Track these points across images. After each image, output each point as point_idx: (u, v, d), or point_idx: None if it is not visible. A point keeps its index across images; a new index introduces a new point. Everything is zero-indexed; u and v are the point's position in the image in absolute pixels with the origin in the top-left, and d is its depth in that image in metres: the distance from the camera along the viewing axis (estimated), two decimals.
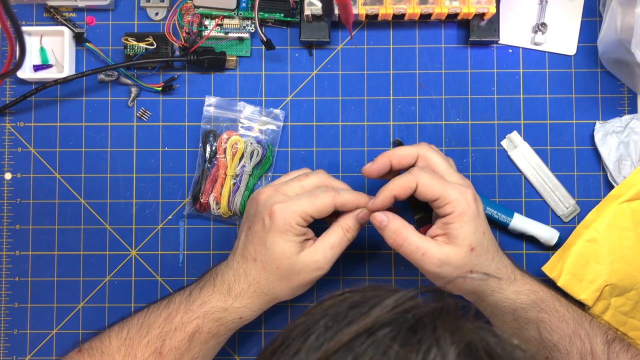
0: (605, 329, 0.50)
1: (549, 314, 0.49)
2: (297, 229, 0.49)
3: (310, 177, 0.52)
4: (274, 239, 0.49)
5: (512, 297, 0.50)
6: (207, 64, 0.61)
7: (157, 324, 0.50)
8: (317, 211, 0.49)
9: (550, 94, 0.62)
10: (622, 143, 0.60)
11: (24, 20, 0.63)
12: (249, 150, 0.60)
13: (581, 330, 0.49)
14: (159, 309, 0.52)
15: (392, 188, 0.49)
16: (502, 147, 0.62)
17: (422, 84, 0.62)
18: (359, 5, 0.58)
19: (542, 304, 0.50)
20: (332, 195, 0.50)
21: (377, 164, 0.51)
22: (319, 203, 0.49)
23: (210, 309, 0.51)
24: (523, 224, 0.59)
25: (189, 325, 0.50)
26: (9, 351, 0.62)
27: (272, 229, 0.49)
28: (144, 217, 0.62)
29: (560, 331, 0.49)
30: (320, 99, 0.62)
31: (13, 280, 0.62)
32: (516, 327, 0.50)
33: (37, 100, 0.63)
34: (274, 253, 0.49)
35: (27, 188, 0.62)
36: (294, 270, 0.50)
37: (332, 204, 0.50)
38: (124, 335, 0.50)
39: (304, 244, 0.50)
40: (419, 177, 0.48)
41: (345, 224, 0.51)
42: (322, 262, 0.50)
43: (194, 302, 0.51)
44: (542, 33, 0.61)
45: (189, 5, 0.61)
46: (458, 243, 0.47)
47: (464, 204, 0.47)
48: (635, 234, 0.58)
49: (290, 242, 0.49)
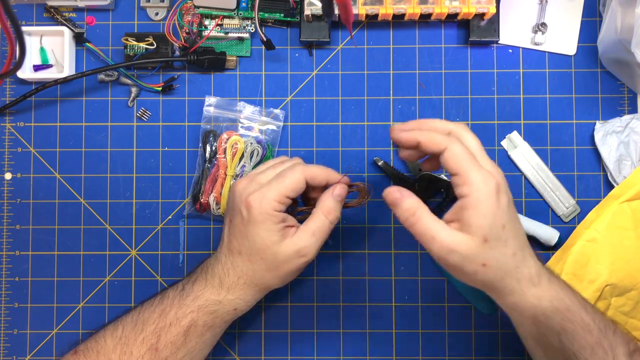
0: (628, 339, 0.48)
1: (574, 323, 0.46)
2: (275, 215, 0.49)
3: (285, 164, 0.52)
4: (254, 230, 0.49)
5: (533, 301, 0.46)
6: (207, 64, 0.61)
7: (152, 320, 0.50)
8: (290, 189, 0.49)
9: (550, 94, 0.62)
10: (622, 143, 0.60)
11: (24, 20, 0.63)
12: (249, 150, 0.60)
13: (604, 341, 0.46)
14: (152, 305, 0.52)
15: (421, 133, 0.46)
16: (502, 147, 0.62)
17: (422, 84, 0.62)
18: (359, 5, 0.58)
19: (567, 313, 0.46)
20: (300, 168, 0.49)
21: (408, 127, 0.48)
22: (289, 180, 0.49)
23: (204, 302, 0.51)
24: (523, 223, 0.59)
25: (184, 319, 0.50)
26: (9, 351, 0.62)
27: (250, 220, 0.49)
28: (144, 217, 0.62)
29: (583, 341, 0.46)
30: (320, 99, 0.62)
31: (13, 280, 0.62)
32: (535, 331, 0.48)
33: (37, 100, 0.63)
34: (256, 244, 0.49)
35: (27, 188, 0.62)
36: (278, 260, 0.49)
37: (301, 177, 0.49)
38: (118, 334, 0.50)
39: (286, 232, 0.49)
40: (451, 143, 0.45)
41: (324, 207, 0.50)
42: (306, 250, 0.49)
43: (187, 296, 0.51)
44: (542, 33, 0.61)
45: (189, 5, 0.61)
46: (471, 232, 0.44)
47: (483, 191, 0.44)
48: (635, 234, 0.58)
49: (270, 231, 0.49)
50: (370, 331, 0.61)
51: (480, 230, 0.44)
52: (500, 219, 0.44)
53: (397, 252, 0.61)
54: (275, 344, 0.61)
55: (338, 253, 0.62)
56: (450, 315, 0.61)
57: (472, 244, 0.44)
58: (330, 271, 0.61)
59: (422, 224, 0.45)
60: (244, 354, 0.61)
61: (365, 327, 0.61)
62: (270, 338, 0.61)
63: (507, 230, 0.45)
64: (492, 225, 0.44)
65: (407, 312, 0.61)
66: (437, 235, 0.44)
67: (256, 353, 0.61)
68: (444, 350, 0.61)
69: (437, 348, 0.61)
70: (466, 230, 0.44)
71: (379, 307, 0.61)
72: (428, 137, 0.46)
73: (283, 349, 0.61)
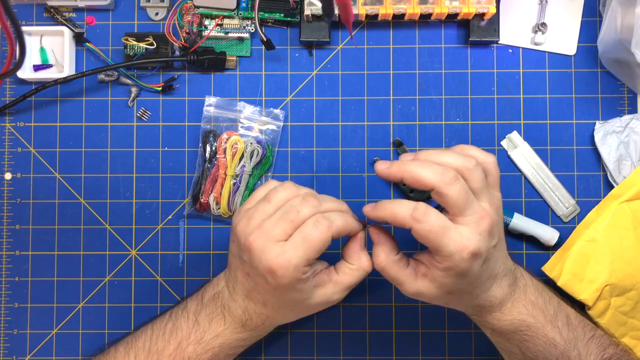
0: (605, 346, 0.50)
1: (534, 340, 0.49)
2: (305, 277, 0.46)
3: (295, 204, 0.46)
4: (284, 294, 0.46)
5: (493, 322, 0.50)
6: (207, 64, 0.61)
7: (167, 352, 0.49)
8: (318, 252, 0.45)
9: (550, 94, 0.62)
10: (622, 143, 0.60)
11: (24, 20, 0.63)
12: (249, 150, 0.60)
13: (572, 351, 0.49)
14: (164, 334, 0.50)
15: (384, 209, 0.46)
16: (502, 147, 0.62)
17: (422, 84, 0.62)
18: (359, 5, 0.58)
19: (527, 331, 0.49)
20: (326, 227, 0.45)
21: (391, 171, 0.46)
22: (315, 244, 0.44)
23: (227, 341, 0.50)
24: (523, 224, 0.59)
25: (204, 355, 0.50)
26: (9, 351, 0.62)
27: (279, 286, 0.45)
28: (144, 217, 0.62)
29: (546, 353, 0.49)
30: (320, 99, 0.62)
31: (13, 280, 0.62)
32: (497, 341, 0.52)
33: (37, 100, 0.63)
34: (285, 302, 0.48)
35: (27, 188, 0.62)
36: (308, 308, 0.49)
37: (328, 238, 0.45)
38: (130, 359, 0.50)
39: (317, 280, 0.48)
40: (414, 223, 0.43)
41: (361, 263, 0.49)
42: (337, 300, 0.49)
43: (205, 332, 0.50)
44: (542, 33, 0.61)
45: (189, 5, 0.61)
46: (436, 285, 0.46)
47: (455, 260, 0.43)
48: (635, 234, 0.58)
49: (301, 291, 0.46)
50: (370, 331, 0.61)
51: (446, 288, 0.46)
52: (470, 280, 0.45)
53: None
54: (275, 344, 0.61)
55: (338, 253, 0.62)
56: (450, 315, 0.61)
57: (437, 293, 0.46)
58: None
59: (391, 271, 0.47)
60: (244, 354, 0.61)
61: (365, 327, 0.61)
62: (271, 338, 0.61)
63: (475, 282, 0.46)
64: (458, 285, 0.46)
65: (407, 312, 0.61)
66: (405, 284, 0.47)
67: (256, 353, 0.61)
68: (444, 350, 0.61)
69: (437, 348, 0.61)
70: (433, 282, 0.46)
71: (379, 307, 0.61)
72: (392, 216, 0.45)
73: (283, 349, 0.61)
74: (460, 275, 0.45)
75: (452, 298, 0.48)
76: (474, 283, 0.46)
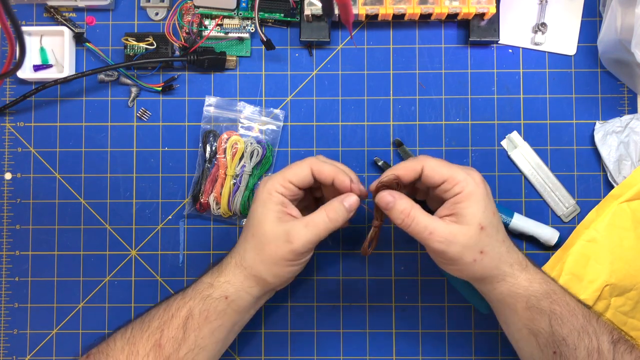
0: (611, 328, 0.50)
1: (561, 306, 0.49)
2: (275, 196, 0.50)
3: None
4: (256, 207, 0.50)
5: (525, 284, 0.49)
6: (207, 64, 0.61)
7: (157, 315, 0.50)
8: (293, 174, 0.50)
9: (550, 94, 0.62)
10: (622, 143, 0.60)
11: (24, 20, 0.63)
12: (249, 150, 0.60)
13: (589, 327, 0.48)
14: (161, 303, 0.52)
15: (397, 167, 0.49)
16: (502, 147, 0.62)
17: (422, 84, 0.62)
18: (359, 5, 0.58)
19: (554, 295, 0.49)
20: (308, 160, 0.51)
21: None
22: (295, 168, 0.50)
23: (200, 286, 0.51)
24: (523, 224, 0.59)
25: (183, 309, 0.50)
26: (9, 351, 0.62)
27: (257, 199, 0.51)
28: (144, 217, 0.62)
29: (570, 325, 0.48)
30: (320, 99, 0.62)
31: (13, 280, 0.62)
32: (528, 317, 0.49)
33: (37, 100, 0.63)
34: (253, 220, 0.50)
35: (27, 188, 0.62)
36: (265, 239, 0.49)
37: (306, 168, 0.50)
38: (127, 334, 0.50)
39: (282, 216, 0.50)
40: (426, 161, 0.49)
41: (329, 205, 0.50)
42: (294, 237, 0.48)
43: (190, 285, 0.52)
44: (542, 33, 0.61)
45: (189, 5, 0.61)
46: (467, 222, 0.47)
47: (472, 183, 0.47)
48: (635, 234, 0.58)
49: (268, 209, 0.50)
50: (370, 331, 0.61)
51: (476, 219, 0.47)
52: (491, 207, 0.48)
53: (397, 252, 0.61)
54: (275, 344, 0.61)
55: (338, 253, 0.62)
56: (450, 315, 0.61)
57: (470, 233, 0.47)
58: (330, 271, 0.61)
59: (418, 223, 0.47)
60: (244, 354, 0.61)
61: (365, 327, 0.61)
62: (270, 338, 0.61)
63: (497, 217, 0.49)
64: (485, 212, 0.47)
65: (407, 312, 0.61)
66: (435, 230, 0.47)
67: (256, 353, 0.61)
68: (444, 350, 0.61)
69: (437, 348, 0.61)
70: (462, 221, 0.47)
71: (379, 307, 0.61)
72: (403, 166, 0.49)
73: (283, 349, 0.61)
74: (483, 202, 0.47)
75: (485, 240, 0.47)
76: (496, 214, 0.49)
